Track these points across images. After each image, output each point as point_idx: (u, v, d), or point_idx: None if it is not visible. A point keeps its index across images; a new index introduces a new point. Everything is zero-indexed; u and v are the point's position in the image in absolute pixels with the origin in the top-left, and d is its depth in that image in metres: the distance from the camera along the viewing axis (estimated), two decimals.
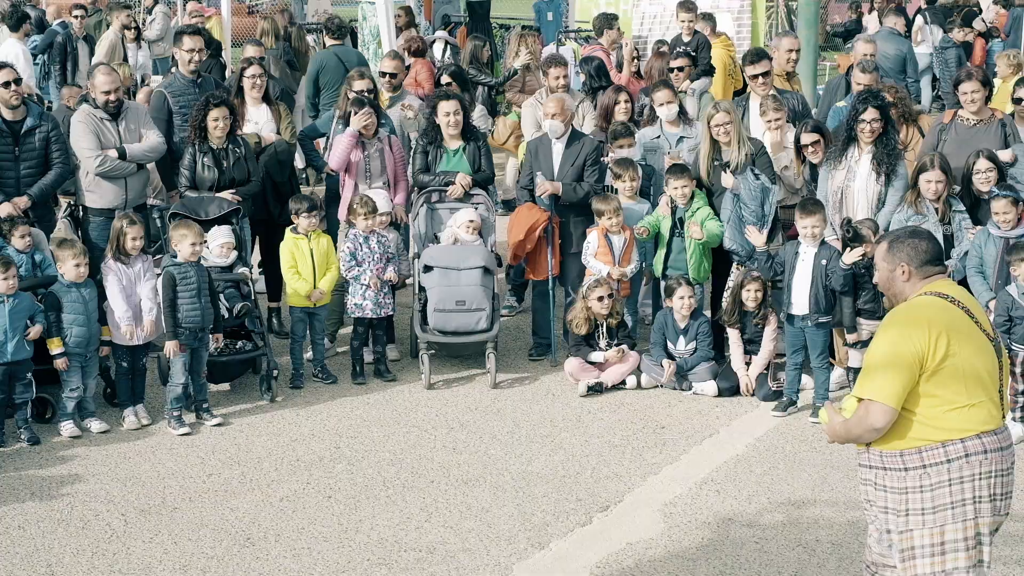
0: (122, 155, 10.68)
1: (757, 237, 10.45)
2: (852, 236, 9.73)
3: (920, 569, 5.75)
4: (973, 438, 5.66)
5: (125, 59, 18.60)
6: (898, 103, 11.55)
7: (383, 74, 12.72)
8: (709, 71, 15.07)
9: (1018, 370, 9.44)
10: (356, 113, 11.12)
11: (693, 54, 14.29)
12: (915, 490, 5.70)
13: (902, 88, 12.51)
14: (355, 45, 18.89)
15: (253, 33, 17.25)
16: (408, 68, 14.81)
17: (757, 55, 12.07)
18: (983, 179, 10.07)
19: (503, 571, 7.59)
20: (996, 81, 14.99)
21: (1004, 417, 5.85)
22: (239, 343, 10.57)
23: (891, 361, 5.63)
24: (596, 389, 10.50)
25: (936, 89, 21.81)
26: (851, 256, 9.77)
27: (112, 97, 10.77)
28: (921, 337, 5.62)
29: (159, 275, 9.87)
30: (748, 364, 10.50)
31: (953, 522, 5.69)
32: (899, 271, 5.93)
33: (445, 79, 13.46)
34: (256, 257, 11.86)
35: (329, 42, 15.58)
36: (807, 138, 10.80)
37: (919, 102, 16.56)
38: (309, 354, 10.84)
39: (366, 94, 11.53)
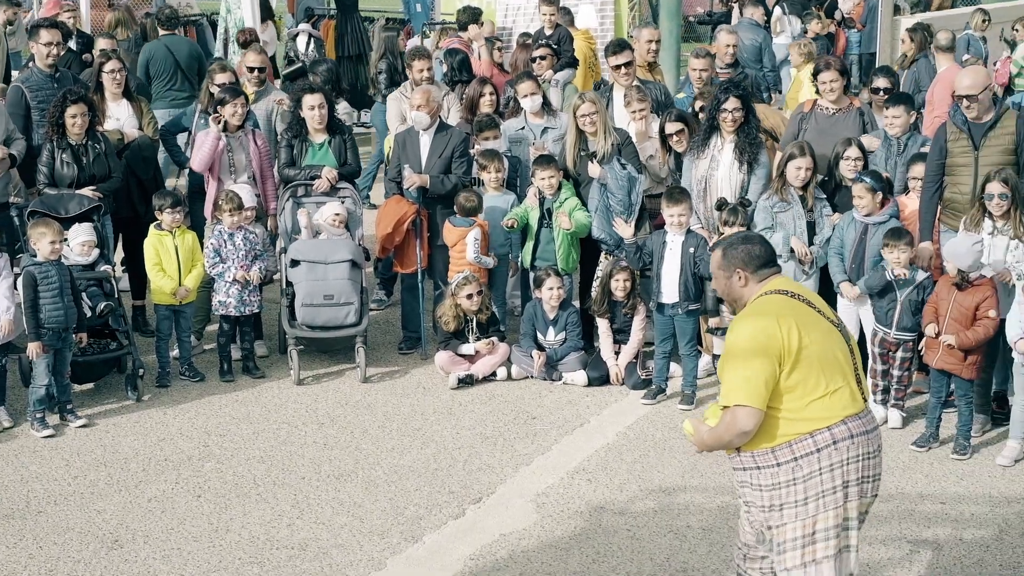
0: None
1: (625, 229, 10.52)
2: (730, 209, 9.93)
3: (789, 561, 5.81)
4: (839, 424, 5.73)
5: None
6: None
7: (250, 68, 12.54)
8: (573, 63, 15.14)
9: (877, 350, 9.62)
10: (230, 102, 10.95)
11: (555, 47, 14.34)
12: (788, 484, 5.75)
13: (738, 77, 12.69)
14: (215, 37, 18.66)
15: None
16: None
17: (619, 46, 12.11)
18: (850, 166, 10.23)
19: (376, 566, 7.55)
20: (792, 71, 15.20)
21: (866, 400, 5.93)
22: (103, 342, 10.39)
23: (749, 363, 5.67)
24: (467, 381, 10.50)
25: None
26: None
27: None
28: (774, 333, 5.69)
29: (17, 275, 9.66)
30: (618, 353, 10.58)
31: (824, 511, 5.74)
32: (736, 277, 6.01)
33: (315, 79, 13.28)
34: (119, 254, 11.67)
35: (161, 32, 15.37)
36: (671, 127, 10.90)
37: (779, 92, 16.77)
38: (175, 352, 10.69)
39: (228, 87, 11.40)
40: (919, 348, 9.48)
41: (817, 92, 11.39)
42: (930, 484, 8.64)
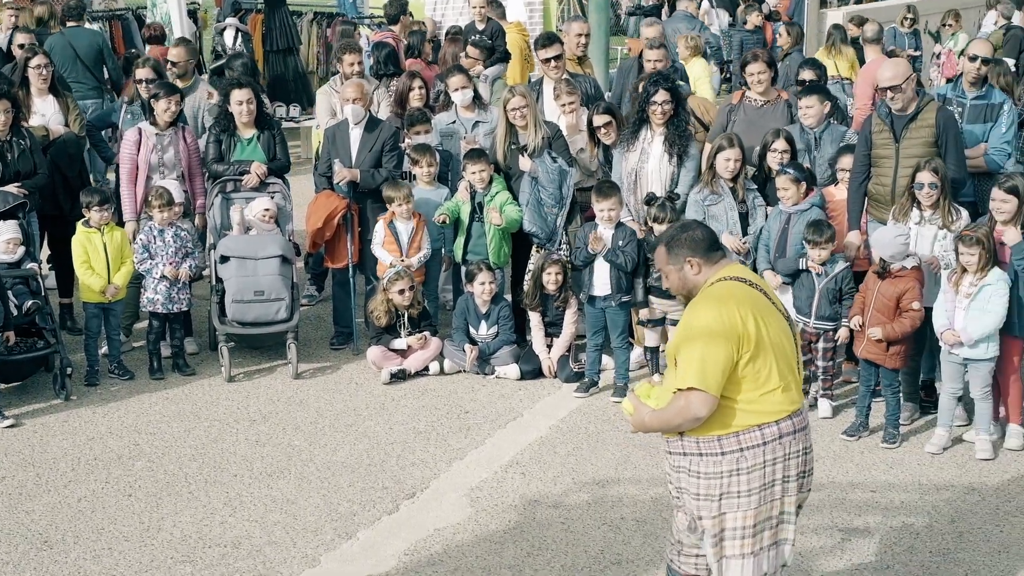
0: None
1: (595, 240, 10.38)
2: (659, 204, 9.95)
3: (728, 551, 5.81)
4: (785, 419, 5.73)
5: None
6: None
7: (172, 63, 12.41)
8: (504, 58, 15.11)
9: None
10: (163, 98, 10.85)
11: (490, 43, 14.31)
12: (731, 473, 5.72)
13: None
14: (141, 29, 18.47)
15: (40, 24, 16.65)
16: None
17: (548, 39, 12.12)
18: (777, 158, 10.30)
19: (311, 563, 7.52)
20: (679, 63, 15.21)
21: (802, 394, 5.95)
22: (30, 341, 10.25)
23: (707, 348, 5.60)
24: (399, 376, 10.47)
25: (725, 71, 22.28)
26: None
27: None
28: (733, 321, 5.62)
29: None
30: (550, 347, 10.59)
31: (762, 503, 5.75)
32: (687, 267, 5.92)
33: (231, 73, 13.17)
34: (45, 252, 11.52)
35: (69, 24, 15.25)
36: (599, 120, 10.90)
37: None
38: (104, 349, 10.58)
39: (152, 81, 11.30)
40: (838, 339, 9.59)
41: (745, 85, 11.44)
42: (860, 473, 8.72)
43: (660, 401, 5.78)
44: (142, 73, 11.58)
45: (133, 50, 17.34)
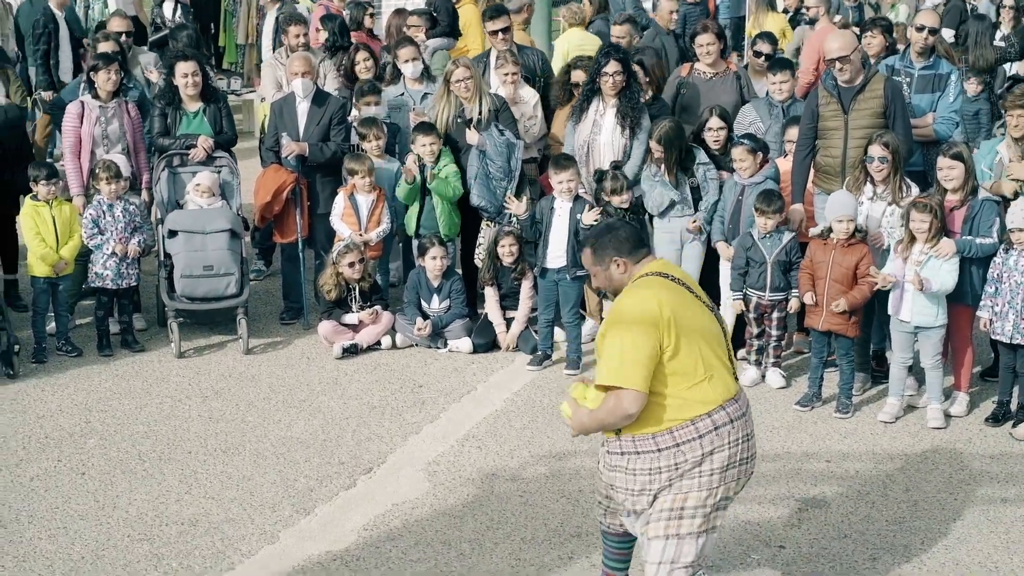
0: None
1: (518, 207, 10.42)
2: (611, 176, 9.93)
3: (652, 531, 5.84)
4: (718, 410, 5.75)
5: None
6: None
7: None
8: (449, 32, 14.98)
9: (752, 315, 9.74)
10: (103, 68, 10.70)
11: (434, 14, 14.22)
12: (668, 468, 5.75)
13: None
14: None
15: None
16: None
17: (496, 11, 12.04)
18: (713, 136, 10.33)
19: (269, 539, 7.46)
20: (564, 25, 15.01)
21: (736, 381, 5.96)
22: None
23: (631, 345, 5.63)
24: (351, 351, 10.42)
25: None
26: (589, 216, 9.92)
27: None
28: (653, 309, 5.66)
29: None
30: (507, 321, 10.55)
31: (698, 490, 5.77)
32: (614, 267, 5.99)
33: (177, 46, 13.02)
34: None
35: None
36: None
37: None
38: (52, 326, 10.45)
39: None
40: (790, 308, 9.64)
41: (695, 57, 11.44)
42: (815, 443, 8.78)
43: (595, 401, 5.82)
44: (104, 47, 11.42)
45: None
